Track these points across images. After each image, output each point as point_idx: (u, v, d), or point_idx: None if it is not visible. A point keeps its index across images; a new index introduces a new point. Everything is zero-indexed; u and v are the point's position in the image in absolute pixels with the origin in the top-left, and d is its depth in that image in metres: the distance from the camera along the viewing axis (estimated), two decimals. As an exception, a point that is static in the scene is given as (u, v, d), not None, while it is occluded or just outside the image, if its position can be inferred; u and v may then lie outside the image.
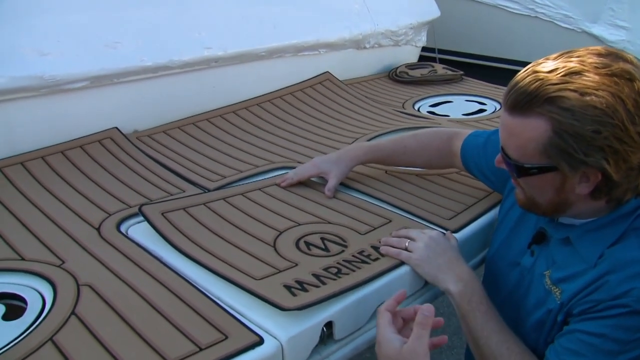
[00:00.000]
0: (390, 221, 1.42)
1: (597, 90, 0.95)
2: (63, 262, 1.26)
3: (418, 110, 2.37)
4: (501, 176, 1.39)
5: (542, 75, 0.99)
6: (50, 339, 1.02)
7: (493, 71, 4.65)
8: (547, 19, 4.29)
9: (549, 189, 1.07)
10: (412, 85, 2.71)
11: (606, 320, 1.02)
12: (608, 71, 0.96)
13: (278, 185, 1.59)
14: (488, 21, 4.73)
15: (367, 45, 2.68)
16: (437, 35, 3.79)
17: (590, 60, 0.98)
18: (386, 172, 1.68)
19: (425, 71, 2.82)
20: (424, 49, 3.21)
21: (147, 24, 1.96)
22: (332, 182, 1.55)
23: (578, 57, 0.99)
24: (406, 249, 1.27)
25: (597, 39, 4.01)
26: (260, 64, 2.24)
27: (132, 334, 1.03)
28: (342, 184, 1.60)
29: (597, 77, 0.96)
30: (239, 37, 2.15)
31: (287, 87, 2.34)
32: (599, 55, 0.99)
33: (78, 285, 1.17)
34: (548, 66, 1.00)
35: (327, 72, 2.50)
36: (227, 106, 2.15)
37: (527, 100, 1.00)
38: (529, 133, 1.02)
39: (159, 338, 1.02)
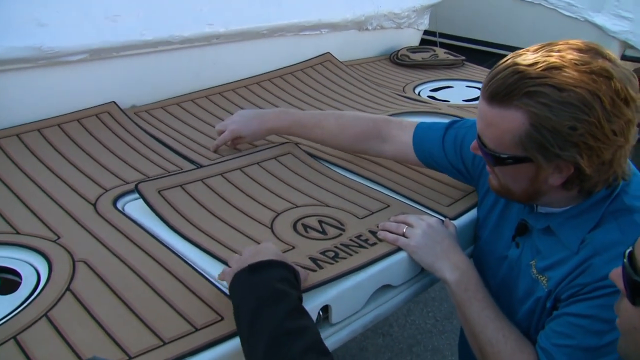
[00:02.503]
0: (389, 206, 1.41)
1: (575, 87, 0.96)
2: (58, 237, 1.25)
3: (418, 94, 2.36)
4: (474, 169, 1.38)
5: (522, 68, 1.00)
6: (45, 314, 1.02)
7: (494, 57, 4.62)
8: (551, 7, 4.26)
9: (522, 179, 1.10)
10: (413, 68, 2.69)
11: (593, 301, 1.04)
12: (587, 68, 0.97)
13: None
14: (490, 7, 4.70)
15: (369, 27, 2.66)
16: (438, 19, 3.76)
17: (570, 57, 0.99)
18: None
19: (426, 55, 2.80)
20: (425, 32, 3.18)
21: (149, -4, 1.93)
22: (232, 139, 1.64)
23: (558, 51, 1.00)
24: (404, 235, 1.26)
25: (600, 29, 3.99)
26: (261, 42, 2.21)
27: (127, 312, 1.03)
28: (340, 165, 1.59)
29: (576, 74, 0.97)
30: (241, 14, 2.12)
31: (287, 66, 2.32)
32: (580, 50, 1.00)
33: (74, 261, 1.16)
34: (528, 59, 1.00)
35: (328, 52, 2.47)
36: (226, 84, 2.13)
37: (506, 93, 1.01)
38: (506, 124, 1.03)
39: (154, 317, 1.02)
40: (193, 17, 1.99)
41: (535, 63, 0.99)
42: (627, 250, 0.76)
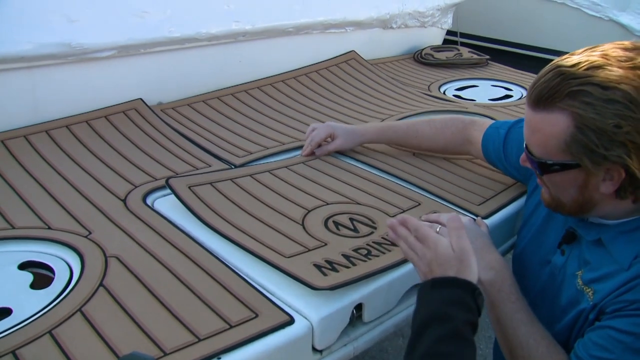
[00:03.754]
0: (420, 204, 1.39)
1: (619, 83, 0.94)
2: (90, 232, 1.25)
3: (444, 93, 2.34)
4: (524, 171, 1.38)
5: (564, 69, 0.98)
6: (79, 309, 1.01)
7: (517, 57, 4.58)
8: (575, 6, 4.22)
9: (572, 187, 1.06)
10: (437, 67, 2.67)
11: (638, 318, 1.00)
12: (631, 64, 0.95)
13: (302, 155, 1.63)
14: (514, 6, 4.66)
15: (394, 26, 2.64)
16: (460, 19, 3.73)
17: (614, 54, 0.96)
18: (414, 154, 1.65)
19: (450, 54, 2.78)
20: (446, 32, 3.16)
21: (176, -7, 1.93)
22: (331, 146, 1.63)
23: (602, 51, 0.98)
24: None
25: (625, 28, 3.94)
26: (287, 40, 2.21)
27: (161, 308, 1.02)
28: (369, 164, 1.59)
29: (620, 71, 0.94)
30: (267, 11, 2.12)
31: (313, 64, 2.31)
32: (624, 49, 0.97)
33: (106, 257, 1.16)
34: (571, 61, 0.98)
35: (353, 51, 2.46)
36: (252, 81, 2.13)
37: (550, 95, 0.99)
38: (551, 128, 1.01)
39: (187, 313, 1.01)
40: (220, 14, 1.99)
41: (578, 63, 0.97)
42: None
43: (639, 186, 1.00)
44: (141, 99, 1.88)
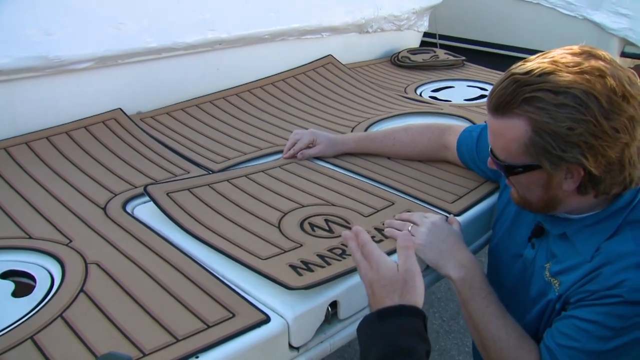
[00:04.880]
0: (393, 204, 1.43)
1: (569, 88, 0.99)
2: (70, 240, 1.27)
3: (420, 95, 2.38)
4: (497, 171, 1.41)
5: (518, 77, 1.03)
6: (60, 315, 1.04)
7: (494, 58, 4.64)
8: (549, 6, 4.28)
9: (537, 187, 1.11)
10: (414, 70, 2.72)
11: (600, 307, 1.05)
12: (579, 69, 0.99)
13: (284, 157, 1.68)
14: (490, 7, 4.72)
15: (370, 30, 2.69)
16: (438, 21, 3.79)
17: (563, 60, 1.01)
18: (389, 157, 1.69)
19: (427, 56, 2.82)
20: (424, 34, 3.21)
21: (151, 5, 1.96)
22: (312, 150, 1.66)
23: (552, 57, 1.03)
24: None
25: (599, 26, 4.01)
26: (263, 47, 2.24)
27: (140, 311, 1.05)
28: (345, 167, 1.62)
29: (569, 76, 0.99)
30: (243, 19, 2.15)
31: (290, 70, 2.34)
32: (573, 54, 1.03)
33: (86, 264, 1.18)
34: (525, 68, 1.04)
35: (330, 55, 2.50)
36: (230, 88, 2.16)
37: (506, 102, 1.04)
38: (510, 133, 1.06)
39: (166, 315, 1.04)
40: (195, 23, 2.03)
41: (531, 70, 1.02)
42: None
43: (598, 182, 1.05)
44: (120, 108, 1.91)
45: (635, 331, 1.01)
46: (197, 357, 0.95)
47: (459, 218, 1.39)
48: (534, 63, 1.03)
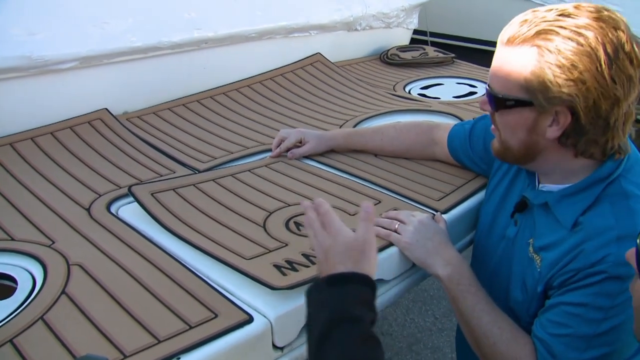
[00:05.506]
0: (380, 202, 1.42)
1: (584, 29, 1.02)
2: (53, 242, 1.26)
3: (409, 92, 2.37)
4: (489, 161, 1.42)
5: (538, 13, 1.07)
6: (41, 317, 1.03)
7: (485, 55, 4.64)
8: (539, 2, 4.29)
9: (521, 129, 1.13)
10: (403, 67, 2.71)
11: (587, 289, 1.06)
12: (597, 15, 1.03)
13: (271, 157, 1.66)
14: (480, 4, 4.73)
15: (359, 27, 2.68)
16: (428, 18, 3.79)
17: (584, 5, 1.06)
18: (376, 155, 1.68)
19: (416, 54, 2.82)
20: (415, 31, 3.20)
21: (136, 3, 1.95)
22: (302, 149, 1.65)
23: (576, 2, 1.07)
24: (396, 232, 1.28)
25: (589, 23, 4.02)
26: (250, 46, 2.23)
27: (122, 313, 1.04)
28: (331, 165, 1.62)
29: (586, 20, 1.03)
30: (229, 18, 2.14)
31: (277, 68, 2.33)
32: (593, 5, 1.06)
33: (68, 265, 1.18)
34: (545, 8, 1.08)
35: (318, 53, 2.49)
36: (217, 87, 2.15)
37: (521, 33, 1.07)
38: (516, 61, 1.08)
39: (149, 316, 1.03)
40: (181, 22, 2.01)
41: (551, 9, 1.06)
42: None
43: (580, 134, 1.07)
44: (106, 108, 1.89)
45: (624, 312, 1.01)
46: (178, 358, 0.95)
47: (445, 215, 1.38)
48: (556, 5, 1.07)
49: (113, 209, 1.41)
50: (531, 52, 1.05)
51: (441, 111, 2.02)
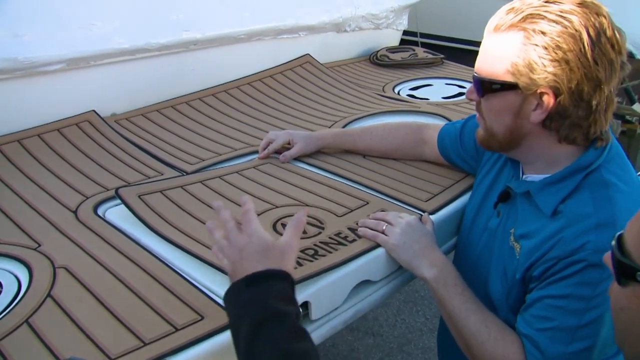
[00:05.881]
0: (368, 203, 1.43)
1: (568, 14, 1.06)
2: (39, 245, 1.26)
3: (398, 93, 2.38)
4: (479, 159, 1.43)
5: (524, 0, 1.10)
6: (26, 320, 1.02)
7: (474, 55, 4.65)
8: (528, 4, 4.31)
9: (506, 113, 1.15)
10: (393, 68, 2.71)
11: (568, 279, 1.07)
12: (581, 1, 1.07)
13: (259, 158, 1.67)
14: (472, 5, 4.74)
15: (348, 29, 2.68)
16: (419, 19, 3.79)
17: None
18: (364, 156, 1.68)
19: (406, 55, 2.82)
20: (406, 32, 3.21)
21: (123, 5, 1.94)
22: (293, 150, 1.65)
23: None
24: (383, 233, 1.28)
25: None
26: (239, 47, 2.23)
27: (108, 316, 1.04)
28: (319, 166, 1.62)
29: (571, 6, 1.07)
30: (217, 19, 2.14)
31: (266, 69, 2.33)
32: None
33: (54, 268, 1.17)
34: None
35: (308, 54, 2.49)
36: (205, 89, 2.15)
37: (508, 19, 1.10)
38: (503, 47, 1.11)
39: (135, 319, 1.03)
40: (169, 24, 2.01)
41: None
42: (618, 233, 0.78)
43: (564, 117, 1.10)
44: (94, 110, 1.89)
45: (605, 302, 1.01)
46: (164, 361, 0.94)
47: (433, 216, 1.39)
48: None
49: (100, 211, 1.40)
50: (518, 36, 1.08)
51: (430, 112, 2.03)
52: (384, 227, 1.29)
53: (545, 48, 1.06)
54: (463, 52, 4.67)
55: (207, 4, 2.14)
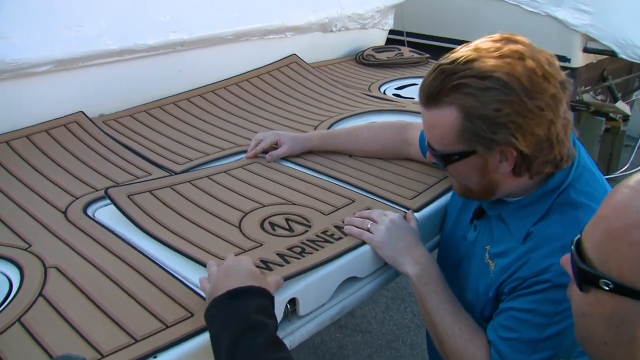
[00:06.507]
0: (354, 201, 1.45)
1: (492, 72, 1.04)
2: (30, 245, 1.27)
3: (384, 93, 2.41)
4: None
5: (445, 67, 1.08)
6: (18, 319, 1.04)
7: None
8: (513, 3, 4.34)
9: (475, 173, 1.15)
10: (379, 68, 2.74)
11: (533, 295, 1.10)
12: (500, 54, 1.05)
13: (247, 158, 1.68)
14: (457, 4, 4.78)
15: (334, 29, 2.71)
16: (405, 18, 3.82)
17: (484, 47, 1.07)
18: (350, 155, 1.71)
19: (391, 54, 2.85)
20: (392, 32, 3.23)
21: (111, 7, 1.95)
22: (279, 150, 1.67)
23: (474, 45, 1.09)
24: (368, 230, 1.31)
25: (562, 23, 4.08)
26: (226, 48, 2.25)
27: (99, 314, 1.06)
28: (306, 166, 1.64)
29: (492, 61, 1.05)
30: (204, 20, 2.16)
31: (253, 69, 2.35)
32: (493, 41, 1.09)
33: (45, 268, 1.19)
34: (450, 58, 1.09)
35: (294, 54, 2.51)
36: (193, 89, 2.16)
37: (436, 93, 1.09)
38: (443, 122, 1.11)
39: (126, 317, 1.05)
40: (156, 25, 2.02)
41: (456, 59, 1.07)
42: (576, 238, 0.78)
43: (530, 162, 1.10)
44: (82, 111, 1.90)
45: (568, 318, 1.05)
46: (155, 357, 0.97)
47: (418, 214, 1.42)
48: (458, 52, 1.09)
49: (90, 211, 1.42)
50: (453, 111, 1.08)
51: (415, 111, 2.05)
52: (369, 225, 1.32)
53: (485, 117, 1.05)
54: (448, 51, 4.71)
55: (194, 5, 2.16)
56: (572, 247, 0.77)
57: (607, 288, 0.70)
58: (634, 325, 0.69)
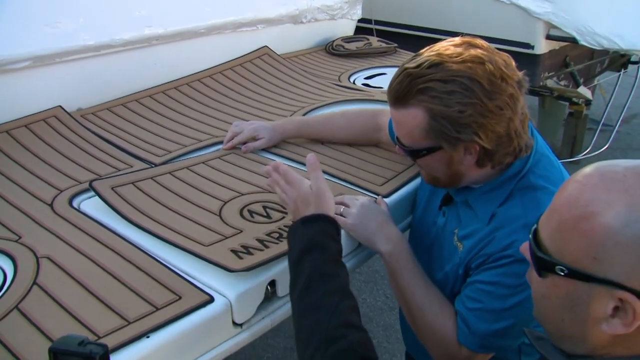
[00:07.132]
0: (327, 189, 1.53)
1: (455, 76, 1.14)
2: (20, 237, 1.33)
3: (353, 82, 2.49)
4: None
5: (410, 71, 1.17)
6: (16, 306, 1.10)
7: (428, 42, 4.77)
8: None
9: (441, 166, 1.26)
10: (348, 58, 2.82)
11: (497, 269, 1.21)
12: (461, 59, 1.15)
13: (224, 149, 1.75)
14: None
15: (304, 20, 2.77)
16: (373, 7, 3.89)
17: (447, 52, 1.16)
18: (322, 143, 1.79)
19: (360, 44, 2.92)
20: (361, 20, 3.30)
21: (87, 3, 1.99)
22: (257, 143, 1.73)
23: (437, 50, 1.18)
24: (341, 215, 1.39)
25: (525, 11, 4.18)
26: (200, 41, 2.30)
27: (93, 299, 1.13)
28: (280, 155, 1.72)
29: (454, 66, 1.14)
30: (178, 14, 2.21)
31: (226, 62, 2.41)
32: (455, 45, 1.18)
33: (37, 258, 1.25)
34: (415, 62, 1.18)
35: (266, 46, 2.57)
36: (168, 82, 2.21)
37: (404, 94, 1.18)
38: (411, 121, 1.20)
39: (118, 301, 1.12)
40: (132, 20, 2.07)
41: (421, 64, 1.16)
42: (533, 228, 0.86)
43: (492, 154, 1.21)
44: (60, 106, 1.94)
45: (528, 289, 1.15)
46: (147, 337, 1.04)
47: (387, 199, 1.51)
48: (422, 57, 1.18)
49: (75, 203, 1.48)
50: (420, 112, 1.17)
51: (383, 100, 2.13)
52: (342, 210, 1.40)
53: (448, 118, 1.15)
54: (418, 39, 4.79)
55: (168, 0, 2.21)
56: (530, 236, 0.86)
57: (562, 273, 0.80)
58: (587, 305, 0.79)
